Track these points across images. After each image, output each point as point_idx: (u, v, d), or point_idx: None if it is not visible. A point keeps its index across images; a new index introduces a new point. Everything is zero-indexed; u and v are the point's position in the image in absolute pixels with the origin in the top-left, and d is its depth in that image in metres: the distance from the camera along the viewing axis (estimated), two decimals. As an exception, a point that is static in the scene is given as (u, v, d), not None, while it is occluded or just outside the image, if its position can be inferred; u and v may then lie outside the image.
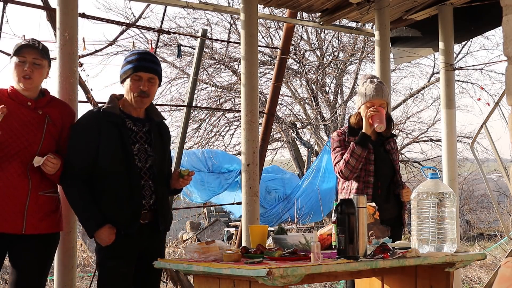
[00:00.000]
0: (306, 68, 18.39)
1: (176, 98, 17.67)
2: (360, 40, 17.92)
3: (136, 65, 3.81)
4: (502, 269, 2.65)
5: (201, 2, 6.29)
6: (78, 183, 3.74)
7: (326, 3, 6.68)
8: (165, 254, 4.09)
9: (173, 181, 3.96)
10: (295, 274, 3.09)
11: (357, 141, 4.45)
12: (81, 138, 3.77)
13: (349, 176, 4.46)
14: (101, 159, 3.74)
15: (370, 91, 4.50)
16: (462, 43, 16.72)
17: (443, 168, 6.97)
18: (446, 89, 6.99)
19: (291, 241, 3.70)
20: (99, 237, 3.71)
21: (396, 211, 4.57)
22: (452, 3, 6.80)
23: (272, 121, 8.30)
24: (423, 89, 19.00)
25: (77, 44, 4.62)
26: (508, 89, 2.83)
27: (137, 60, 3.83)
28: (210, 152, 14.48)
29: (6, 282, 8.87)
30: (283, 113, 18.38)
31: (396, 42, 7.44)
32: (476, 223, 18.33)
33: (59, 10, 4.60)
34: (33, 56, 3.69)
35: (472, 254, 3.84)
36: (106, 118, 3.77)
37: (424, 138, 18.96)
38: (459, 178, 13.70)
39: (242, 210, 5.85)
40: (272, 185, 14.69)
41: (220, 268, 3.19)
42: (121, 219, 3.73)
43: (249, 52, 5.85)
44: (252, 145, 5.82)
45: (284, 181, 15.04)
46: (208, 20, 17.80)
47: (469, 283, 8.42)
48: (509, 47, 2.80)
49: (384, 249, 3.54)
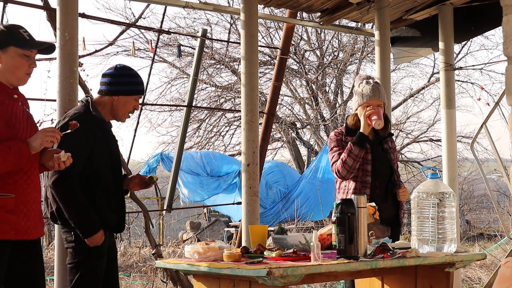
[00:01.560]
0: (306, 68, 18.39)
1: (176, 98, 17.69)
2: (360, 40, 17.93)
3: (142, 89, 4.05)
4: (502, 269, 2.65)
5: (201, 2, 6.29)
6: (76, 186, 3.75)
7: (326, 3, 6.69)
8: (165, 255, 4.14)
9: (133, 184, 4.13)
10: (295, 274, 3.09)
11: (354, 141, 4.45)
12: (81, 141, 3.76)
13: (346, 176, 4.46)
14: (95, 163, 3.81)
15: (366, 92, 4.49)
16: (462, 43, 16.73)
17: (443, 168, 6.97)
18: (446, 89, 6.99)
19: (291, 241, 3.70)
20: (93, 239, 3.76)
21: (394, 211, 4.57)
22: (452, 3, 6.80)
23: (272, 121, 8.31)
24: (423, 89, 19.01)
25: (77, 44, 4.62)
26: (508, 89, 2.83)
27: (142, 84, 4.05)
28: (209, 155, 14.46)
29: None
30: (283, 113, 18.39)
31: (396, 42, 7.45)
32: (476, 223, 18.33)
33: (59, 10, 4.60)
34: (35, 52, 3.36)
35: (472, 254, 3.84)
36: (97, 123, 3.85)
37: (424, 138, 18.97)
38: (459, 178, 13.71)
39: (242, 210, 5.85)
40: (273, 178, 14.66)
41: (220, 268, 3.19)
42: (112, 221, 3.89)
43: (249, 52, 5.85)
44: (252, 145, 5.82)
45: (284, 173, 15.02)
46: (208, 20, 17.83)
47: (469, 283, 8.42)
48: (509, 47, 2.80)
49: (384, 249, 3.54)
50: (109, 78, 3.94)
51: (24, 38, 3.26)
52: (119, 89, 3.92)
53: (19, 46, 3.24)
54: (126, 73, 3.97)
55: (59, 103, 4.58)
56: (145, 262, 10.46)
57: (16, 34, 3.25)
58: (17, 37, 3.25)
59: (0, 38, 3.22)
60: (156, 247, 5.98)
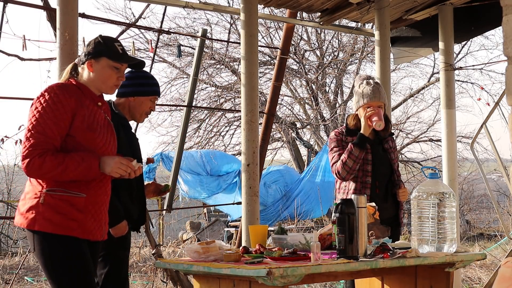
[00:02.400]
0: (306, 68, 18.40)
1: (176, 98, 17.69)
2: (360, 40, 17.93)
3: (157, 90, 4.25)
4: (502, 269, 2.65)
5: (201, 2, 6.30)
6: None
7: (326, 3, 6.69)
8: (165, 255, 4.20)
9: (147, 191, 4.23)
10: (295, 274, 3.09)
11: (355, 142, 4.44)
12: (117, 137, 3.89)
13: (346, 177, 4.46)
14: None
15: (367, 93, 4.48)
16: (462, 43, 16.73)
17: (443, 168, 6.97)
18: (446, 89, 7.00)
19: (291, 241, 3.71)
20: (118, 228, 3.87)
21: (394, 211, 4.57)
22: (452, 3, 6.81)
23: (272, 121, 8.31)
24: (423, 89, 19.00)
25: (77, 44, 4.63)
26: (508, 89, 2.83)
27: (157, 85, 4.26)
28: (209, 154, 14.46)
29: (7, 282, 8.88)
30: (283, 113, 18.39)
31: (396, 42, 7.45)
32: (476, 223, 18.33)
33: (59, 10, 4.61)
34: (125, 66, 3.51)
35: (472, 254, 3.84)
36: (120, 120, 4.05)
37: (424, 138, 18.97)
38: (459, 178, 13.72)
39: (242, 210, 5.85)
40: (271, 178, 14.66)
41: (220, 268, 3.19)
42: (134, 213, 4.04)
43: (249, 52, 5.85)
44: (252, 145, 5.82)
45: (282, 172, 15.02)
46: (208, 20, 17.83)
47: (469, 283, 8.42)
48: (509, 47, 2.80)
49: (384, 249, 3.54)
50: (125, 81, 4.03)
51: (117, 51, 3.43)
52: (134, 90, 4.15)
53: (112, 58, 3.41)
54: (141, 75, 4.18)
55: (59, 103, 4.57)
56: (145, 262, 10.47)
57: (111, 47, 3.42)
58: (111, 49, 3.42)
59: (95, 48, 3.40)
60: (156, 247, 5.98)
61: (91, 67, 3.40)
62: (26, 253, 8.77)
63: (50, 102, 3.24)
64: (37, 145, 3.19)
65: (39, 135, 3.20)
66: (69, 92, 3.30)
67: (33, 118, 3.23)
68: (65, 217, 3.24)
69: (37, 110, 3.24)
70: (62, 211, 3.24)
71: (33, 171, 3.19)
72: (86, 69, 3.41)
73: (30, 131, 3.22)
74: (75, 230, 3.27)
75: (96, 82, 3.41)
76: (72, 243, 3.26)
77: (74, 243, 3.27)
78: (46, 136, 3.20)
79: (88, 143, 3.29)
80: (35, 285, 8.98)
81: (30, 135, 3.21)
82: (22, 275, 9.57)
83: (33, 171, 3.19)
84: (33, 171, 3.20)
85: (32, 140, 3.20)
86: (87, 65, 3.40)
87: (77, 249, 3.27)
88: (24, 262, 9.34)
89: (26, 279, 9.38)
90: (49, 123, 3.21)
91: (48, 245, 3.24)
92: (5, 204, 14.11)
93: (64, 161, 3.20)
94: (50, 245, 3.23)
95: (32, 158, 3.17)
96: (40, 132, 3.20)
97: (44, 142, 3.20)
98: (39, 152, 3.18)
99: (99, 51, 3.40)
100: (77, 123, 3.27)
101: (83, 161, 3.23)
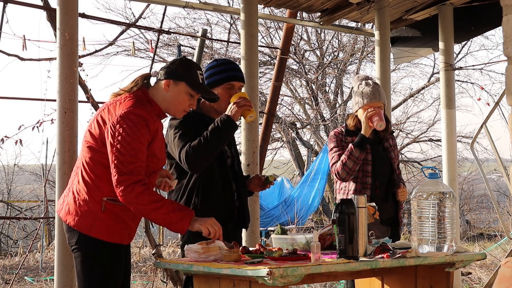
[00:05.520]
0: (306, 68, 18.39)
1: (176, 98, 17.67)
2: (360, 40, 17.93)
3: (231, 74, 3.98)
4: (502, 269, 2.65)
5: (201, 2, 6.30)
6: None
7: (326, 3, 6.69)
8: (165, 255, 4.17)
9: (252, 185, 4.07)
10: (295, 274, 3.09)
11: (355, 143, 4.43)
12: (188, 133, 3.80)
13: (346, 177, 4.45)
14: None
15: (367, 94, 4.47)
16: (462, 43, 16.73)
17: (443, 168, 6.97)
18: (446, 89, 7.00)
19: (291, 241, 3.70)
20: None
21: (394, 211, 4.57)
22: (452, 3, 6.81)
23: (272, 121, 8.32)
24: (423, 89, 19.01)
25: (77, 44, 4.63)
26: (508, 89, 2.83)
27: (231, 70, 4.00)
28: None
29: (7, 282, 8.88)
30: (283, 113, 18.39)
31: (396, 42, 7.45)
32: (476, 223, 18.35)
33: (59, 10, 4.61)
34: (199, 96, 3.50)
35: (472, 254, 3.84)
36: (197, 117, 3.86)
37: (424, 138, 18.97)
38: (459, 178, 13.71)
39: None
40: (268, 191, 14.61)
41: (220, 268, 3.19)
42: (221, 215, 3.72)
43: (249, 52, 5.85)
44: (252, 145, 5.82)
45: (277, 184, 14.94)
46: (208, 20, 17.82)
47: (469, 283, 8.42)
48: (509, 47, 2.80)
49: (384, 249, 3.54)
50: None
51: (197, 80, 3.42)
52: (227, 75, 3.95)
53: (191, 85, 3.39)
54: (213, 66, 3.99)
55: (59, 103, 4.58)
56: (145, 262, 10.47)
57: (194, 74, 3.41)
58: (193, 77, 3.41)
59: (178, 70, 3.38)
60: (156, 247, 5.97)
61: (168, 87, 3.38)
62: (26, 253, 8.77)
63: (140, 126, 3.23)
64: (134, 171, 3.20)
65: (133, 159, 3.20)
66: (151, 116, 3.30)
67: (122, 140, 3.21)
68: (122, 227, 3.32)
69: (125, 132, 3.21)
70: (120, 221, 3.31)
71: (132, 196, 3.19)
72: (162, 86, 3.38)
73: (124, 155, 3.19)
74: (125, 239, 3.37)
75: (168, 103, 3.40)
76: (120, 250, 3.36)
77: (121, 250, 3.37)
78: (139, 160, 3.22)
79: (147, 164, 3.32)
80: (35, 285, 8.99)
81: (124, 159, 3.19)
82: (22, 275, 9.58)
83: (132, 196, 3.19)
84: (132, 197, 3.19)
85: (130, 165, 3.20)
86: (164, 84, 3.37)
87: (121, 255, 3.37)
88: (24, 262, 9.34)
89: (26, 279, 9.38)
90: (141, 147, 3.23)
91: (100, 251, 3.29)
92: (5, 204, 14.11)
93: (162, 200, 3.23)
94: (102, 251, 3.29)
95: (133, 184, 3.18)
96: (134, 156, 3.21)
97: (140, 167, 3.22)
98: (140, 179, 3.20)
99: (181, 74, 3.38)
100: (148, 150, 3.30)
101: (179, 210, 3.26)
